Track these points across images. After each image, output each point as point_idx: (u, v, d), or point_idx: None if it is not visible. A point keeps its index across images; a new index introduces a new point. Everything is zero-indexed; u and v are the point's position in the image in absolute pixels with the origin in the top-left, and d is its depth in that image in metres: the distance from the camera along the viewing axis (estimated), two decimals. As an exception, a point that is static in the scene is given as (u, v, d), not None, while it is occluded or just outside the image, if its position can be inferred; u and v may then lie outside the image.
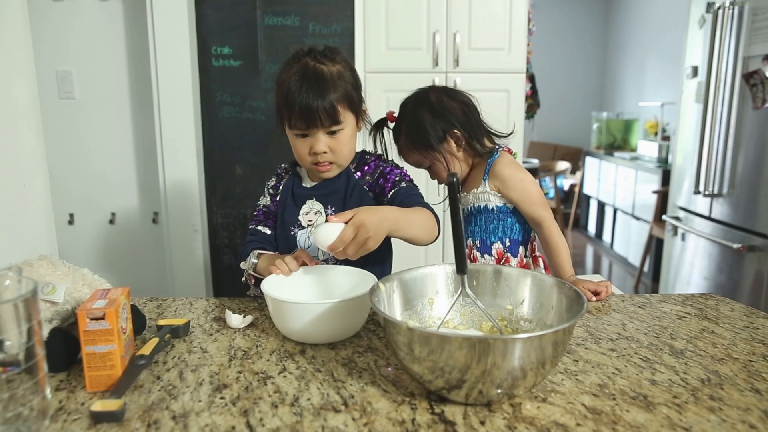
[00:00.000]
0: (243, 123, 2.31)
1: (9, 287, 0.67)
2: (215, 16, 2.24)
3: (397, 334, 0.68)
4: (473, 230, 1.28)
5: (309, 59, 1.08)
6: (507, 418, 0.66)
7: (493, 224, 1.26)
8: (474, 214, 1.28)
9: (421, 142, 1.26)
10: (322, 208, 1.16)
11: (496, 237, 1.27)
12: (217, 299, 1.11)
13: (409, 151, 1.30)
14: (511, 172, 1.23)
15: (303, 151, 1.10)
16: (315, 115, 1.04)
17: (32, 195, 1.18)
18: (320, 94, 1.04)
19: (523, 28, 2.33)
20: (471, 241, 1.29)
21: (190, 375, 0.78)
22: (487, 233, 1.27)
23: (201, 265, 2.37)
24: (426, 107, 1.26)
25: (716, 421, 0.66)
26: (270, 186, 1.23)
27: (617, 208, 4.57)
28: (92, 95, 2.36)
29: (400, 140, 1.30)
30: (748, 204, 2.41)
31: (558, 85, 5.60)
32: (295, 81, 1.05)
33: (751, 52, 2.37)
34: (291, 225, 1.16)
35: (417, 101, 1.28)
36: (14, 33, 1.14)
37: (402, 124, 1.29)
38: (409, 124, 1.27)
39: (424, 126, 1.25)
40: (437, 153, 1.26)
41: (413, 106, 1.27)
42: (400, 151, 1.32)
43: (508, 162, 1.25)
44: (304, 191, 1.18)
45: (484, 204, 1.26)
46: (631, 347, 0.87)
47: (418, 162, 1.30)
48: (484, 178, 1.25)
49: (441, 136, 1.25)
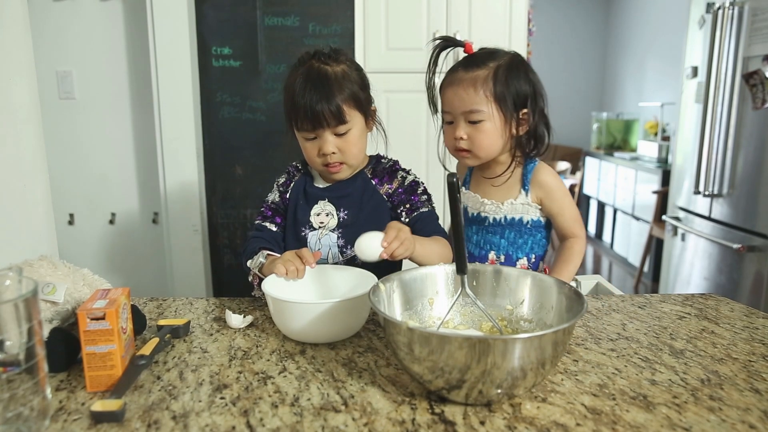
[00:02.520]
0: (243, 123, 2.31)
1: (9, 287, 0.67)
2: (215, 16, 2.24)
3: (397, 334, 0.68)
4: (499, 243, 1.17)
5: (314, 61, 1.09)
6: (507, 418, 0.66)
7: (523, 239, 1.16)
8: (503, 226, 1.15)
9: (497, 90, 1.06)
10: (334, 210, 1.15)
11: (524, 252, 1.17)
12: (217, 299, 1.11)
13: (471, 87, 1.07)
14: (558, 183, 1.14)
15: (312, 153, 1.10)
16: (320, 116, 1.05)
17: (32, 195, 1.18)
18: (324, 94, 1.05)
19: (523, 29, 2.33)
20: (495, 255, 1.17)
21: (191, 375, 0.78)
22: (515, 248, 1.16)
23: (201, 266, 2.37)
24: (526, 67, 1.11)
25: (716, 421, 0.66)
26: (280, 183, 1.22)
27: (617, 209, 4.57)
28: (92, 95, 2.36)
29: (468, 71, 1.09)
30: (748, 204, 2.41)
31: (558, 85, 5.60)
32: (299, 84, 1.06)
33: (751, 53, 2.37)
34: (302, 225, 1.16)
35: (517, 56, 1.12)
36: (14, 33, 1.14)
37: (485, 59, 1.09)
38: (499, 67, 1.07)
39: (517, 78, 1.08)
40: (502, 113, 1.07)
41: (513, 55, 1.11)
42: (452, 82, 1.10)
43: (551, 171, 1.15)
44: (316, 191, 1.18)
45: (519, 216, 1.14)
46: (631, 347, 0.87)
47: (468, 103, 1.07)
48: (524, 188, 1.13)
49: (520, 103, 1.08)
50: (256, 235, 1.16)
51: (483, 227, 1.18)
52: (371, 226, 1.10)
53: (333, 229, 1.14)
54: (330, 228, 1.15)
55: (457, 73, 1.10)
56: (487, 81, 1.07)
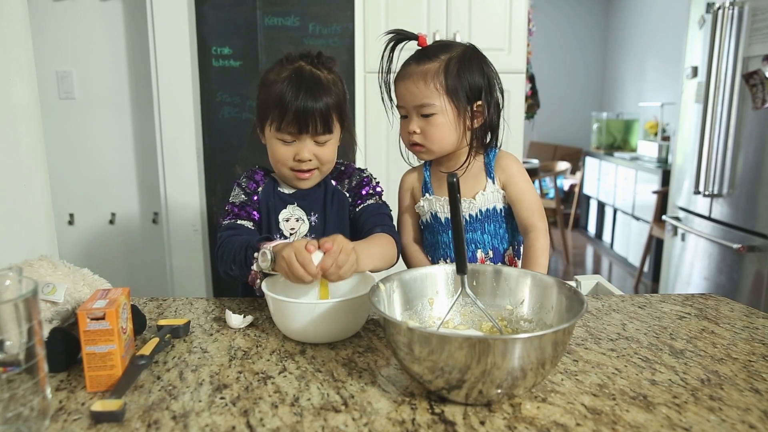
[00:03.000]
0: (243, 123, 2.31)
1: (9, 287, 0.67)
2: (215, 16, 2.24)
3: (397, 334, 0.68)
4: (482, 239, 1.13)
5: (304, 63, 1.06)
6: (507, 418, 0.66)
7: (503, 228, 1.13)
8: (480, 221, 1.13)
9: (448, 83, 1.05)
10: (304, 214, 1.12)
11: (507, 242, 1.15)
12: (217, 299, 1.11)
13: (421, 81, 1.06)
14: (519, 168, 1.13)
15: (285, 156, 1.06)
16: (309, 120, 1.02)
17: (32, 195, 1.18)
18: (316, 100, 1.02)
19: (523, 29, 2.33)
20: (482, 253, 1.13)
21: (191, 375, 0.78)
22: (499, 239, 1.14)
23: (201, 266, 2.37)
24: (480, 58, 1.10)
25: (716, 421, 0.66)
26: (244, 185, 1.14)
27: (617, 209, 4.57)
28: (92, 95, 2.36)
29: (419, 64, 1.07)
30: (748, 204, 2.41)
31: (558, 85, 5.60)
32: (290, 83, 1.02)
33: (751, 53, 2.37)
34: (273, 233, 1.11)
35: (471, 48, 1.10)
36: (14, 33, 1.14)
37: (437, 52, 1.07)
38: (451, 60, 1.06)
39: (470, 71, 1.07)
40: (454, 106, 1.06)
41: (467, 47, 1.09)
42: (404, 76, 1.09)
43: (514, 157, 1.14)
44: (283, 196, 1.14)
45: (493, 206, 1.12)
46: (631, 347, 0.87)
47: (419, 97, 1.06)
48: (490, 176, 1.12)
49: (474, 96, 1.07)
50: (234, 234, 1.06)
51: None
52: (338, 227, 1.09)
53: (305, 235, 1.12)
54: (302, 234, 1.12)
55: (409, 67, 1.09)
56: (438, 74, 1.05)
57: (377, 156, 2.34)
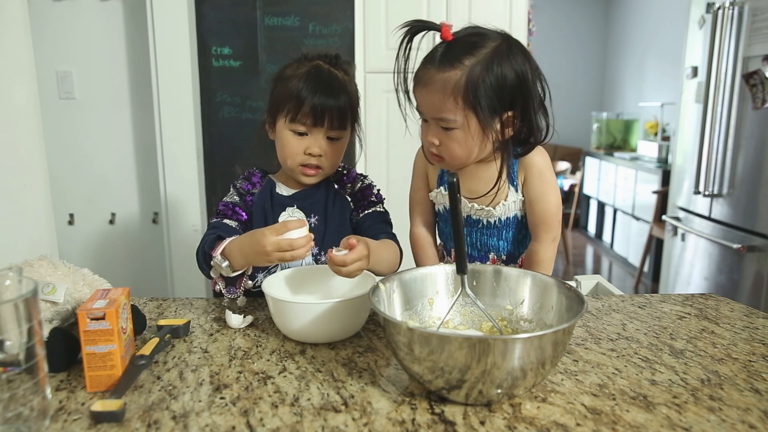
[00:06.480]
0: (243, 123, 2.31)
1: (9, 287, 0.67)
2: (215, 16, 2.24)
3: (397, 334, 0.68)
4: (498, 245, 1.09)
5: (322, 62, 1.09)
6: (507, 418, 0.66)
7: (521, 233, 1.08)
8: (499, 228, 1.07)
9: (471, 97, 0.91)
10: (303, 216, 1.13)
11: (524, 247, 1.10)
12: (217, 299, 1.11)
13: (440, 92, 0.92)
14: (540, 170, 1.02)
15: (296, 150, 1.07)
16: (326, 114, 1.04)
17: (32, 195, 1.18)
18: (334, 95, 1.04)
19: (523, 28, 2.33)
20: (495, 255, 1.09)
21: (190, 375, 0.78)
22: (515, 245, 1.09)
23: (201, 266, 2.37)
24: (513, 55, 0.93)
25: (716, 421, 0.66)
26: (240, 186, 1.15)
27: (617, 209, 4.57)
28: (92, 95, 2.36)
29: (440, 70, 0.93)
30: (748, 204, 2.41)
31: (558, 85, 5.57)
32: (309, 78, 1.04)
33: (751, 53, 2.37)
34: None
35: (504, 44, 0.94)
36: (14, 33, 1.14)
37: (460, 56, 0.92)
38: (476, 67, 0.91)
39: (500, 77, 0.91)
40: (478, 120, 0.93)
41: (498, 45, 0.93)
42: (423, 81, 0.96)
43: (541, 156, 1.02)
44: (282, 198, 1.14)
45: (514, 214, 1.06)
46: (631, 347, 0.87)
47: (438, 110, 0.94)
48: (512, 183, 1.03)
49: (504, 105, 0.94)
50: (211, 233, 1.04)
51: (477, 229, 1.09)
52: (339, 229, 1.10)
53: None
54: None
55: (428, 72, 0.95)
56: (459, 86, 0.91)
57: (377, 156, 2.33)
